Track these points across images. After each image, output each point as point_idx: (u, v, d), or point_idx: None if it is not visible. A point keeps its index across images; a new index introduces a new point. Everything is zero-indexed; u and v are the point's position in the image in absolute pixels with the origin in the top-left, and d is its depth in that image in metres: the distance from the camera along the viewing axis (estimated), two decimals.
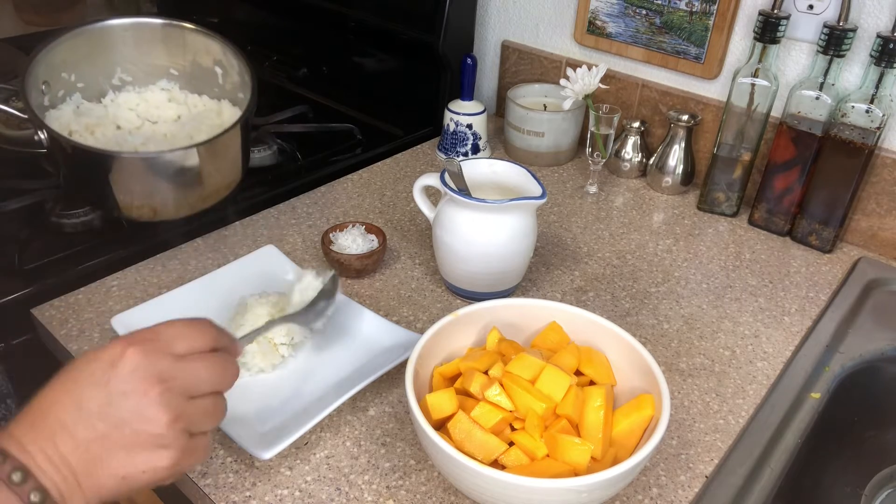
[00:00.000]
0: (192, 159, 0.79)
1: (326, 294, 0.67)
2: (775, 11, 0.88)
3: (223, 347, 0.48)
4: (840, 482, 0.81)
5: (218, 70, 0.95)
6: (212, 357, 0.47)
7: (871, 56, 0.82)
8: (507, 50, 1.23)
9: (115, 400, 0.42)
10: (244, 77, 0.92)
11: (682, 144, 1.03)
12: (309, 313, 0.65)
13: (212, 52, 0.94)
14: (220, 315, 0.72)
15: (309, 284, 0.69)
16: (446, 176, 0.76)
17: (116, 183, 0.79)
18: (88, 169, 0.80)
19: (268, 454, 0.58)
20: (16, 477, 0.40)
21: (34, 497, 0.40)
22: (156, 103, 0.95)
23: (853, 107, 0.86)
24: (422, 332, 0.64)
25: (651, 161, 1.07)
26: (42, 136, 0.78)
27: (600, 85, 1.00)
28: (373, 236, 0.85)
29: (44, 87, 0.86)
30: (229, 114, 0.93)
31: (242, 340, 0.53)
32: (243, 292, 0.74)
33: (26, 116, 0.80)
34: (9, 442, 0.41)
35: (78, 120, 0.87)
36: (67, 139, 0.79)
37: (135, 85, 0.95)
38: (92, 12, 0.92)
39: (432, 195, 0.90)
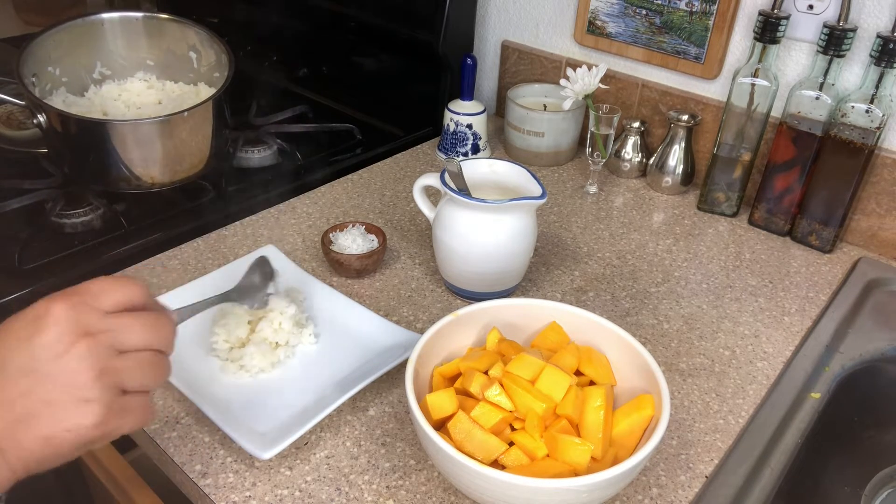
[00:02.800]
0: (179, 124, 0.86)
1: (263, 272, 0.68)
2: (775, 11, 0.88)
3: (157, 310, 0.46)
4: (840, 482, 0.81)
5: (192, 55, 0.99)
6: (143, 313, 0.44)
7: (871, 56, 0.82)
8: (507, 50, 1.23)
9: (38, 354, 0.40)
10: (220, 58, 0.96)
11: (682, 144, 1.03)
12: (244, 290, 0.66)
13: (187, 38, 0.99)
14: (215, 317, 0.72)
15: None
16: (446, 176, 0.76)
17: (116, 151, 0.84)
18: (88, 140, 0.85)
19: (268, 454, 0.58)
20: None
21: None
22: (137, 92, 0.99)
23: (853, 107, 0.86)
24: (422, 332, 0.64)
25: (651, 161, 1.07)
26: (41, 119, 0.82)
27: (600, 85, 1.00)
28: (373, 236, 0.85)
29: (34, 79, 0.88)
30: (206, 94, 0.97)
31: (181, 311, 0.51)
32: None
33: (24, 103, 0.82)
34: None
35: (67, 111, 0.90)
36: (67, 112, 0.84)
37: (114, 78, 0.99)
38: (83, 13, 0.94)
39: (432, 195, 0.90)
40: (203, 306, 0.57)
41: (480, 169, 0.81)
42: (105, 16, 0.95)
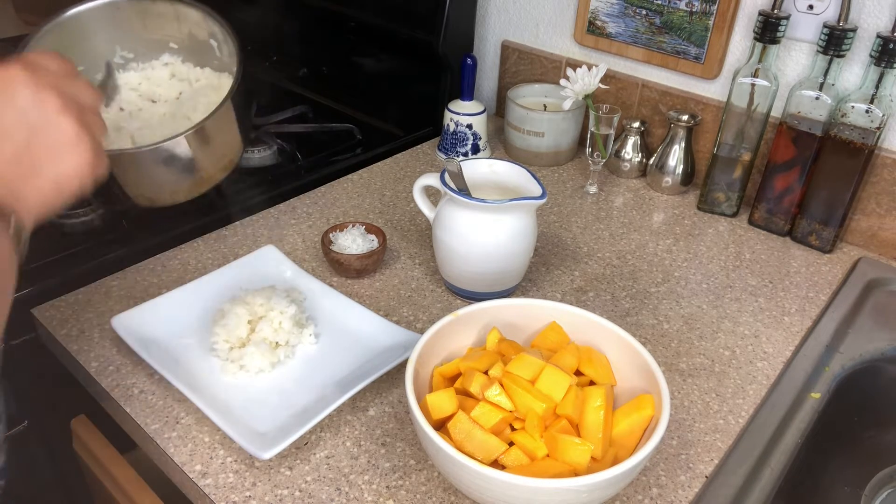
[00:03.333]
0: (182, 148, 0.79)
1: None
2: (775, 11, 0.88)
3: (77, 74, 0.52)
4: (840, 482, 0.81)
5: (212, 42, 0.94)
6: (79, 78, 0.50)
7: (871, 56, 0.82)
8: (507, 50, 1.23)
9: (24, 114, 0.44)
10: (230, 46, 0.91)
11: (682, 144, 1.03)
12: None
13: (198, 22, 0.93)
14: (215, 317, 0.72)
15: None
16: (446, 176, 0.76)
17: (116, 175, 0.79)
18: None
19: (268, 454, 0.58)
20: None
21: None
22: (157, 81, 0.94)
23: (853, 107, 0.86)
24: (422, 332, 0.64)
25: (651, 161, 1.07)
26: None
27: (600, 85, 1.00)
28: (373, 236, 0.85)
29: None
30: (227, 87, 0.93)
31: (100, 88, 0.56)
32: (242, 293, 0.74)
33: None
34: None
35: None
36: None
37: (137, 61, 0.94)
38: (68, 6, 0.92)
39: (432, 195, 0.90)
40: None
41: (480, 169, 0.81)
42: (99, 3, 0.92)
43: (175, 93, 0.94)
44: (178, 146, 0.78)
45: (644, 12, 1.04)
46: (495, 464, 0.54)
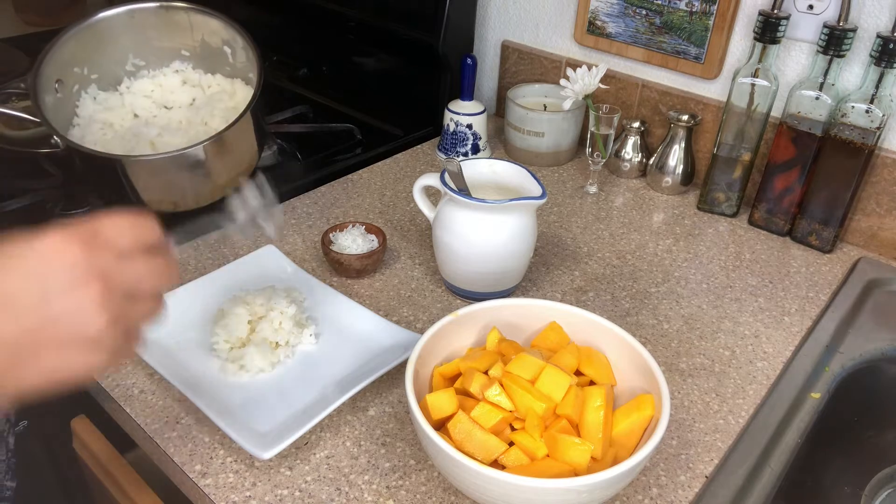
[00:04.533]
0: (202, 154, 0.80)
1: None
2: (775, 11, 0.88)
3: (162, 245, 0.45)
4: (840, 482, 0.81)
5: (227, 49, 0.95)
6: (155, 258, 0.43)
7: (871, 56, 0.82)
8: (507, 50, 1.23)
9: (50, 296, 0.38)
10: (249, 54, 0.91)
11: (682, 144, 1.03)
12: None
13: (215, 30, 0.94)
14: (215, 317, 0.72)
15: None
16: (446, 176, 0.76)
17: (134, 183, 0.80)
18: (103, 172, 0.81)
19: (268, 454, 0.58)
20: None
21: None
22: (170, 88, 0.95)
23: (853, 107, 0.86)
24: (422, 332, 0.64)
25: (651, 161, 1.07)
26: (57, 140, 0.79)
27: (600, 85, 1.00)
28: (373, 236, 0.85)
29: (57, 85, 0.86)
30: (242, 94, 0.94)
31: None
32: (242, 293, 0.74)
33: (39, 121, 0.80)
34: None
35: (98, 110, 0.88)
36: (78, 146, 0.80)
37: (148, 69, 0.95)
38: (92, 12, 0.93)
39: (432, 195, 0.90)
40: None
41: (480, 169, 0.81)
42: (123, 9, 0.92)
43: (188, 99, 0.96)
44: (201, 152, 0.79)
45: (644, 12, 1.04)
46: (495, 464, 0.54)
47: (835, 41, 0.84)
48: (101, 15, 0.91)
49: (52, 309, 0.38)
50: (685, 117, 1.03)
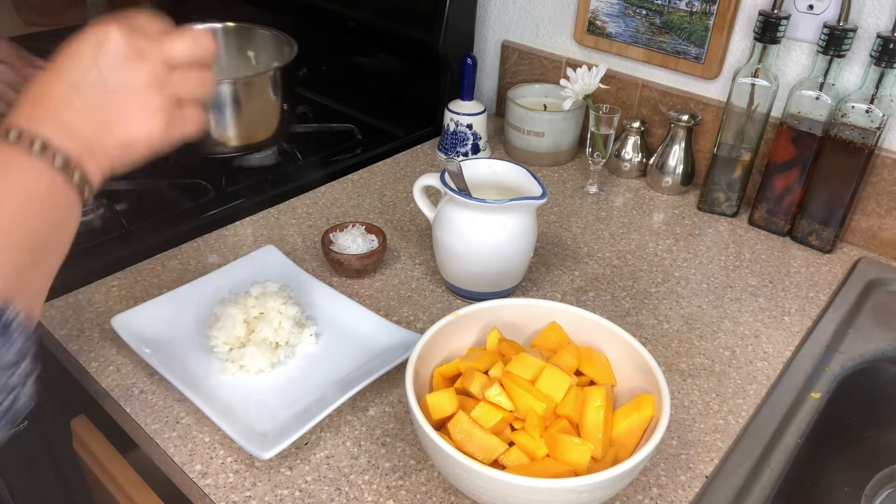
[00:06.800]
0: (236, 91, 0.93)
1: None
2: (775, 11, 0.88)
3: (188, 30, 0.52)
4: (840, 482, 0.81)
5: (251, 53, 1.03)
6: (183, 32, 0.49)
7: (871, 56, 0.82)
8: (507, 50, 1.23)
9: (106, 75, 0.45)
10: (283, 49, 1.03)
11: (682, 144, 1.03)
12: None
13: (248, 41, 1.05)
14: (209, 321, 0.72)
15: None
16: (446, 176, 0.76)
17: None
18: None
19: (268, 454, 0.58)
20: (37, 146, 0.43)
21: (58, 161, 0.44)
22: None
23: (853, 107, 0.86)
24: (422, 332, 0.64)
25: (651, 161, 1.07)
26: None
27: (600, 85, 1.00)
28: (373, 236, 0.85)
29: None
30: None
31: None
32: (232, 295, 0.74)
33: None
34: (18, 121, 0.44)
35: None
36: None
37: None
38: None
39: (432, 195, 0.90)
40: None
41: (480, 169, 0.81)
42: None
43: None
44: (233, 89, 0.93)
45: (644, 12, 1.04)
46: (495, 464, 0.54)
47: (835, 41, 0.84)
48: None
49: (111, 85, 0.46)
50: (685, 117, 1.03)
